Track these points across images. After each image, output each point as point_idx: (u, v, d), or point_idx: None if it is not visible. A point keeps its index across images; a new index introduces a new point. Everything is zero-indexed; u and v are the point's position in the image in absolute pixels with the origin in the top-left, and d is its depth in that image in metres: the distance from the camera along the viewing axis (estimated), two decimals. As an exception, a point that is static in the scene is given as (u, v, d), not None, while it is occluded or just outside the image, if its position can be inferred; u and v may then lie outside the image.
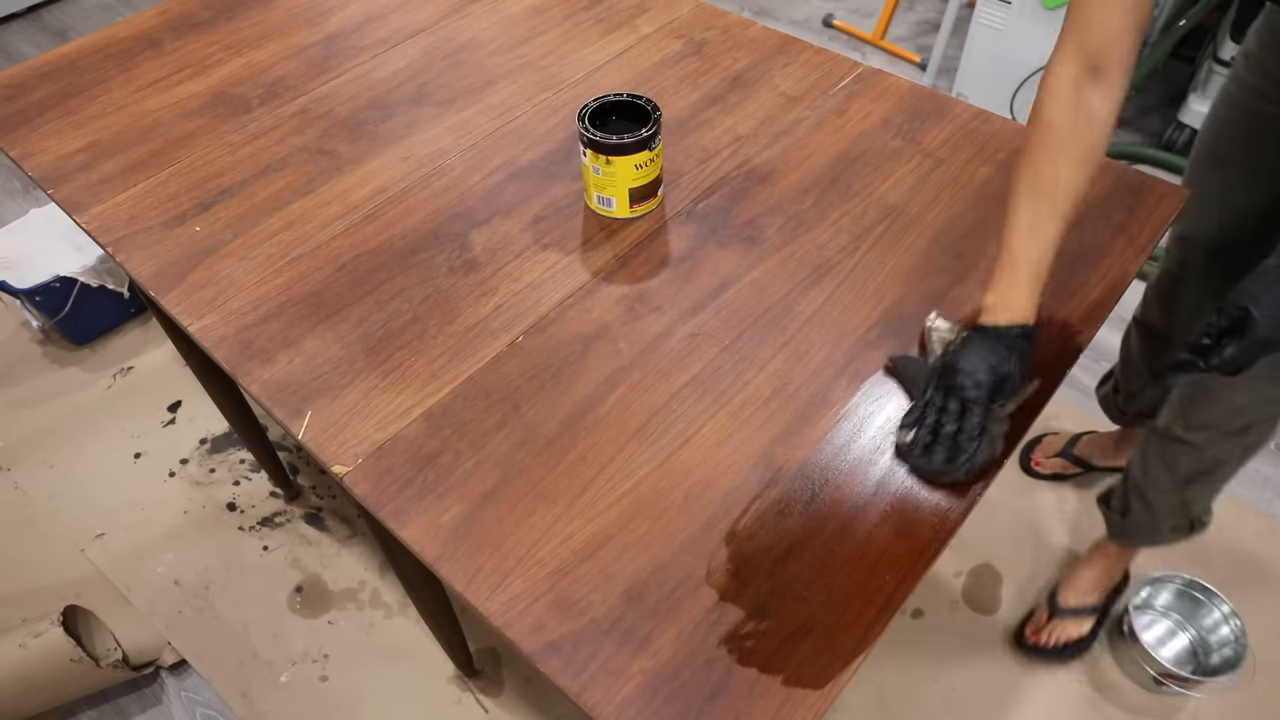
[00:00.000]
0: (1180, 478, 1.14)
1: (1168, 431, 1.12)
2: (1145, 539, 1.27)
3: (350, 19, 1.21)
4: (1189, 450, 1.10)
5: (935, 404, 0.69)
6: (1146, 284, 1.29)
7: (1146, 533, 1.25)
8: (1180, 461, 1.12)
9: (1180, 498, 1.17)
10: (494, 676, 1.39)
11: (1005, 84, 2.20)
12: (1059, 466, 1.57)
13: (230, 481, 1.65)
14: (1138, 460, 1.20)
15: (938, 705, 1.33)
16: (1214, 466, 1.11)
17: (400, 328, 0.83)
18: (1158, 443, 1.15)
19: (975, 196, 0.93)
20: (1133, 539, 1.29)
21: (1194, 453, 1.10)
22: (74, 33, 2.76)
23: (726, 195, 0.95)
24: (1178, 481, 1.14)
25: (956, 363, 0.70)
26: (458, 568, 0.66)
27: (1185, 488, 1.15)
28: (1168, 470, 1.14)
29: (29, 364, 1.87)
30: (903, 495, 0.70)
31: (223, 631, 1.45)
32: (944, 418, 0.68)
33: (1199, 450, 1.09)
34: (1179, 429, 1.10)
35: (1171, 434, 1.11)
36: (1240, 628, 1.31)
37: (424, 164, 0.99)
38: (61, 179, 0.99)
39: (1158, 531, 1.23)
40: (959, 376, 0.69)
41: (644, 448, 0.73)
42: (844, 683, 0.61)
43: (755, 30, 1.17)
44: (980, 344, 0.70)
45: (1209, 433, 1.07)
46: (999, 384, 0.68)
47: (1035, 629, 1.37)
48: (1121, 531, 1.29)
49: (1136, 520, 1.23)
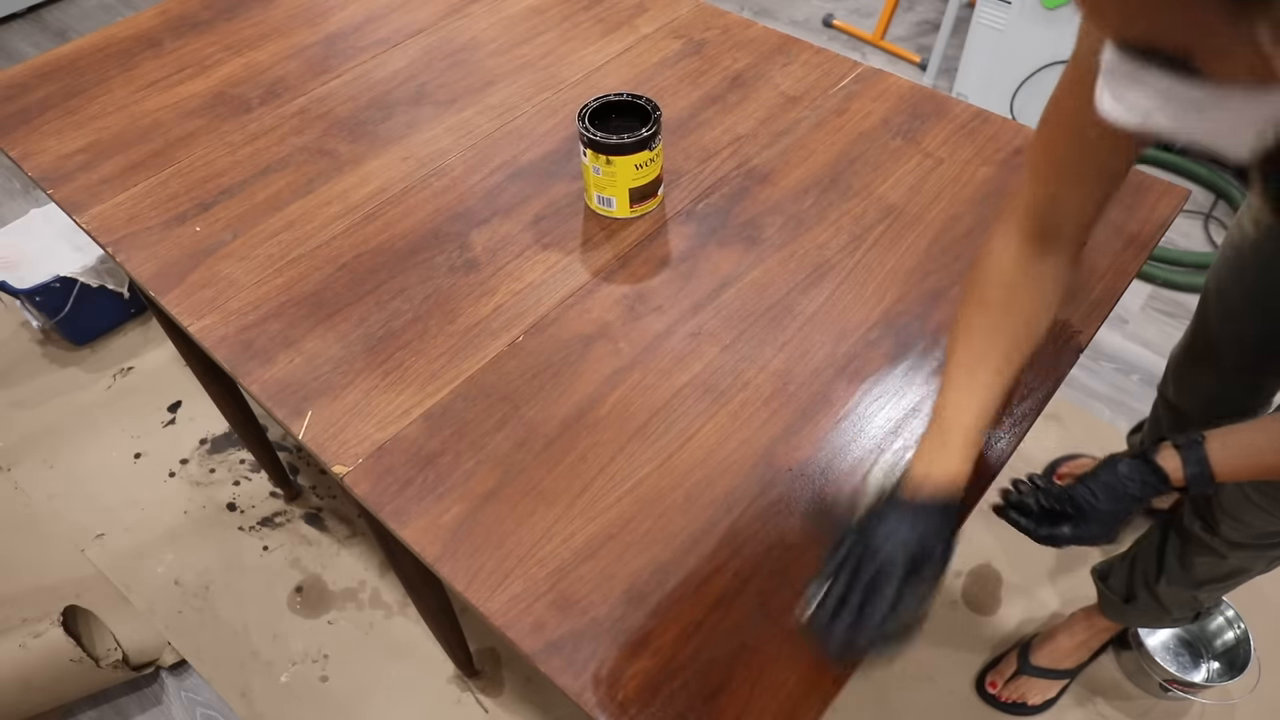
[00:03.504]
0: (1195, 580, 1.06)
1: (1189, 532, 1.02)
2: (1147, 624, 1.22)
3: (350, 19, 1.21)
4: (1207, 553, 1.01)
5: (849, 566, 0.61)
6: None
7: (1150, 620, 1.19)
8: (1198, 563, 1.04)
9: (1192, 596, 1.09)
10: (494, 676, 1.38)
11: (1005, 84, 2.20)
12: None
13: (230, 481, 1.65)
14: (1149, 554, 1.11)
15: (938, 705, 1.33)
16: (1234, 574, 1.03)
17: (400, 328, 0.83)
18: (1176, 541, 1.06)
19: (975, 196, 0.93)
20: (1132, 623, 1.23)
21: (1214, 558, 1.01)
22: (74, 33, 2.76)
23: (726, 195, 0.95)
24: (1191, 584, 1.07)
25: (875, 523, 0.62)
26: (458, 568, 0.66)
27: (1200, 589, 1.07)
28: (1183, 570, 1.06)
29: (29, 364, 1.87)
30: (903, 495, 0.70)
31: (223, 631, 1.45)
32: (853, 584, 0.60)
33: (1219, 556, 1.00)
34: (1203, 532, 1.00)
35: (1193, 535, 1.02)
36: (1245, 632, 1.30)
37: (424, 164, 0.99)
38: (61, 179, 0.99)
39: (1161, 620, 1.17)
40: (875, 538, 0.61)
41: (644, 447, 0.73)
42: (844, 683, 0.61)
43: (755, 30, 1.17)
44: (900, 515, 0.62)
45: (1233, 540, 0.98)
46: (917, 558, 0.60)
47: (996, 680, 1.33)
48: (1121, 616, 1.21)
49: (1142, 609, 1.15)
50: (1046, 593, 1.44)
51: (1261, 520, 0.93)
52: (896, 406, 0.75)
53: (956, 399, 0.66)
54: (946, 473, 0.63)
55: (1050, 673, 1.30)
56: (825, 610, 0.60)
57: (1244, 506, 0.93)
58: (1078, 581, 1.44)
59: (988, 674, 1.34)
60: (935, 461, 0.64)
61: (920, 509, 0.62)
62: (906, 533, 0.61)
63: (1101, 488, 0.77)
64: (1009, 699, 1.31)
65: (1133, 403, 1.69)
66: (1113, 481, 0.77)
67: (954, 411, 0.65)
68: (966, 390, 0.66)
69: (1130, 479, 0.76)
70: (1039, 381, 0.77)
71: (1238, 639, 1.31)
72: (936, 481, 0.63)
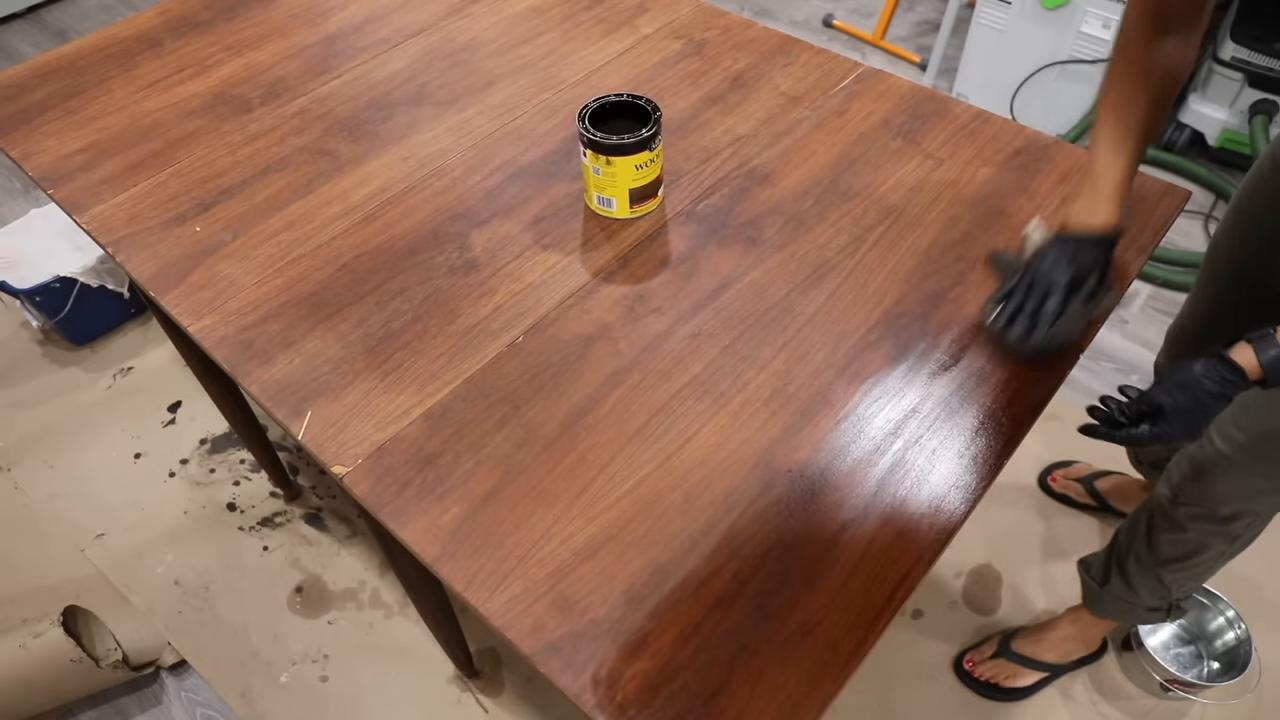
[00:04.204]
0: (1159, 557, 1.10)
1: (1158, 503, 1.08)
2: (1121, 615, 1.22)
3: (350, 19, 1.21)
4: (1171, 528, 1.06)
5: (1022, 285, 0.77)
6: None
7: (1123, 609, 1.20)
8: (1162, 539, 1.08)
9: (1157, 577, 1.12)
10: (494, 676, 1.39)
11: (1005, 84, 2.20)
12: (1074, 491, 1.53)
13: (230, 481, 1.65)
14: (1126, 528, 1.16)
15: (938, 705, 1.33)
16: (1194, 552, 1.06)
17: (400, 328, 0.83)
18: (1147, 515, 1.11)
19: (975, 197, 0.93)
20: (1108, 613, 1.23)
21: (1176, 532, 1.06)
22: (74, 33, 2.76)
23: (726, 195, 0.95)
24: (1156, 560, 1.10)
25: (1043, 255, 0.78)
26: (458, 568, 0.66)
27: (1162, 568, 1.10)
28: (1148, 545, 1.10)
29: (29, 364, 1.87)
30: (903, 496, 0.70)
31: (223, 631, 1.45)
32: (1028, 297, 0.76)
33: (1181, 529, 1.05)
34: (1168, 502, 1.05)
35: (1161, 506, 1.07)
36: (1245, 632, 1.30)
37: (424, 164, 0.99)
38: (61, 179, 0.99)
39: (1134, 609, 1.19)
40: (1043, 264, 0.77)
41: (644, 448, 0.73)
42: (844, 683, 0.61)
43: (755, 30, 1.16)
44: (1063, 246, 0.77)
45: (1193, 509, 1.02)
46: (1078, 279, 0.76)
47: (974, 658, 1.34)
48: (1098, 603, 1.23)
49: (1114, 593, 1.18)
50: (1047, 593, 1.44)
51: (1225, 485, 0.97)
52: (896, 407, 0.75)
53: (1106, 154, 0.79)
54: (1101, 214, 0.78)
55: (1028, 661, 1.31)
56: (1004, 316, 0.77)
57: (1212, 467, 0.97)
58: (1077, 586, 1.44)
59: (967, 653, 1.36)
60: (1089, 209, 0.78)
61: (1081, 242, 0.77)
62: (1068, 259, 0.76)
63: (1177, 386, 0.76)
64: (982, 677, 1.33)
65: (1133, 403, 1.69)
66: (1188, 380, 0.76)
67: (1104, 164, 0.79)
68: (1112, 148, 0.79)
69: (1207, 376, 0.75)
70: (1039, 381, 0.77)
71: (1238, 639, 1.32)
72: (1091, 221, 0.78)
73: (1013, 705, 1.32)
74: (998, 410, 0.75)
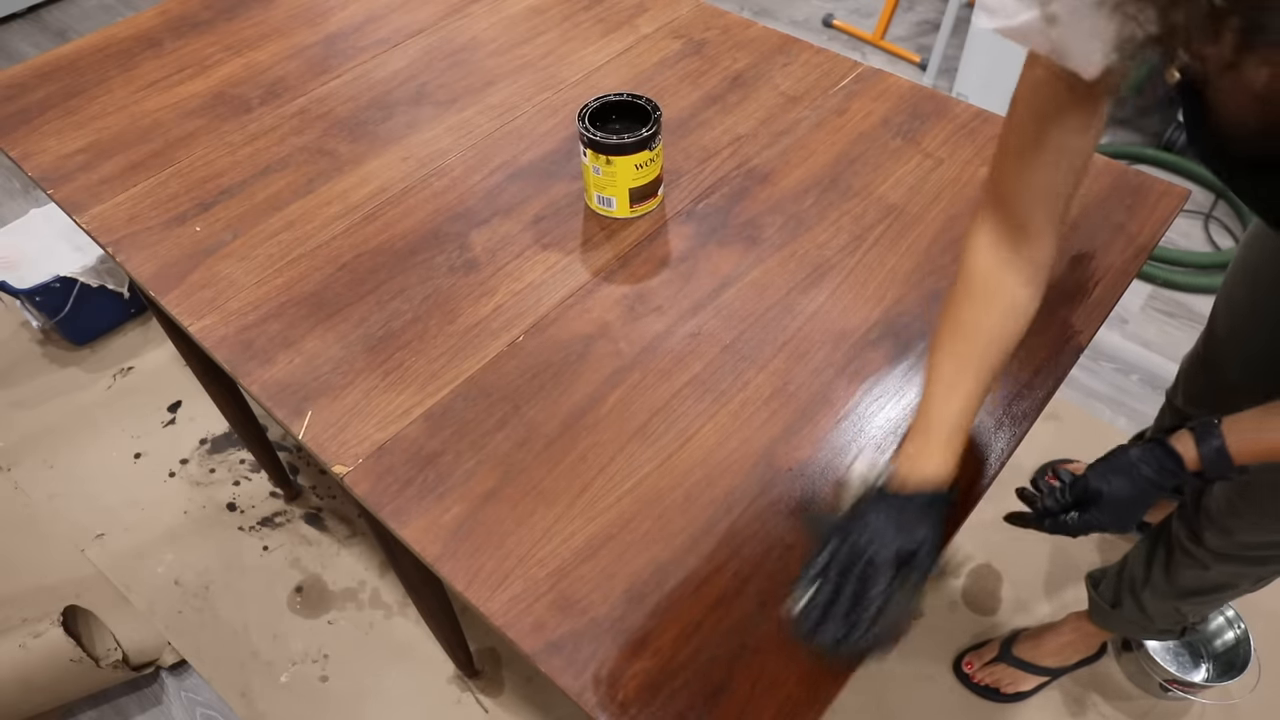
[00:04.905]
0: (1179, 590, 1.05)
1: (1177, 541, 1.02)
2: (1131, 633, 1.21)
3: (350, 19, 1.21)
4: (1194, 566, 1.00)
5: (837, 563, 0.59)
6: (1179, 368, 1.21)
7: (1134, 629, 1.18)
8: (1183, 575, 1.02)
9: (1174, 607, 1.08)
10: (494, 676, 1.38)
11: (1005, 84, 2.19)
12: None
13: (230, 481, 1.65)
14: (1138, 559, 1.10)
15: (937, 706, 1.33)
16: (1218, 589, 1.02)
17: (400, 328, 0.83)
18: (1163, 551, 1.05)
19: (975, 196, 0.93)
20: (1117, 630, 1.22)
21: (1198, 570, 1.00)
22: (74, 33, 2.76)
23: (726, 195, 0.95)
24: (1176, 593, 1.06)
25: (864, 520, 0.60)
26: (458, 567, 0.66)
27: (1182, 600, 1.06)
28: (1167, 579, 1.05)
29: (29, 364, 1.86)
30: (903, 495, 0.70)
31: (223, 631, 1.45)
32: (843, 583, 0.58)
33: (1204, 568, 0.99)
34: (1189, 541, 0.99)
35: (1179, 544, 1.01)
36: (1245, 632, 1.30)
37: (424, 164, 0.99)
38: (61, 179, 0.99)
39: (1146, 630, 1.17)
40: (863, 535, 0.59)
41: (644, 447, 0.73)
42: (844, 683, 0.61)
43: (755, 30, 1.17)
44: (888, 509, 0.61)
45: (1218, 553, 0.96)
46: (904, 553, 0.59)
47: (974, 660, 1.33)
48: (1107, 621, 1.20)
49: (1127, 616, 1.15)
50: (1046, 595, 1.44)
51: (1246, 531, 0.92)
52: (896, 406, 0.75)
53: (941, 393, 0.65)
54: (933, 466, 0.62)
55: (1028, 666, 1.30)
56: (814, 610, 0.58)
57: (1230, 515, 0.92)
58: (1078, 586, 1.44)
59: (967, 654, 1.35)
60: (921, 455, 0.63)
61: (907, 503, 0.61)
62: (894, 528, 0.59)
63: (1113, 472, 0.73)
64: (982, 681, 1.32)
65: (1132, 403, 1.69)
66: (1124, 466, 0.73)
67: (939, 406, 0.64)
68: (950, 385, 0.64)
69: (1144, 462, 0.72)
70: (1039, 381, 0.77)
71: (1238, 639, 1.31)
72: (923, 475, 0.62)
73: (1014, 703, 1.32)
74: (998, 410, 0.75)
